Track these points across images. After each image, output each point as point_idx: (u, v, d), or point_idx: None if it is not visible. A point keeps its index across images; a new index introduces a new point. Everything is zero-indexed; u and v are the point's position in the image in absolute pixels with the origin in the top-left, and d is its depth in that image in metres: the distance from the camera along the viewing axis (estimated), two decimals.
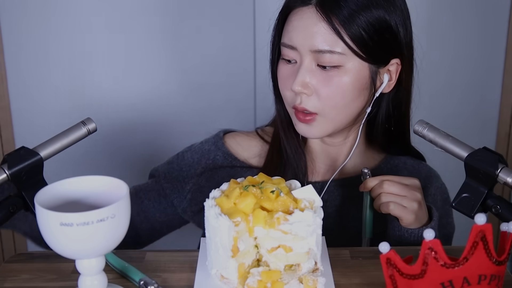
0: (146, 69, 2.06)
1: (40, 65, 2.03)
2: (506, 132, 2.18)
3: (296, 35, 1.02)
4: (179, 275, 0.88)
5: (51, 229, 0.72)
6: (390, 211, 0.99)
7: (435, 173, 1.21)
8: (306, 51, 1.01)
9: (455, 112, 2.15)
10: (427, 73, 2.07)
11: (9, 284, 0.87)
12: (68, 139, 0.94)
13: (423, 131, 0.96)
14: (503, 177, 0.87)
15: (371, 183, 1.02)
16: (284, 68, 1.06)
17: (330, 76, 1.01)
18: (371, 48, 1.00)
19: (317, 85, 1.01)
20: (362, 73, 1.02)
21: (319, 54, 1.00)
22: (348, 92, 1.02)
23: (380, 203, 1.00)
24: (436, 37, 2.05)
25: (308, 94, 1.02)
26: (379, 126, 1.12)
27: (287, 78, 1.05)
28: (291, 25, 1.03)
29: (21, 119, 2.09)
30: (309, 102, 1.03)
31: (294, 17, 1.03)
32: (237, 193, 0.82)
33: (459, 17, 2.05)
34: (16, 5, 1.96)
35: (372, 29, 1.00)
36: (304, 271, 0.83)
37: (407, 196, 0.99)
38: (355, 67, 1.01)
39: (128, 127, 2.12)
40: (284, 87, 1.07)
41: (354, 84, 1.02)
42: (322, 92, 1.02)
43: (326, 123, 1.05)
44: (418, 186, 1.02)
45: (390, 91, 1.08)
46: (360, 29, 0.99)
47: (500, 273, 0.73)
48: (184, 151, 1.22)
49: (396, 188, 0.99)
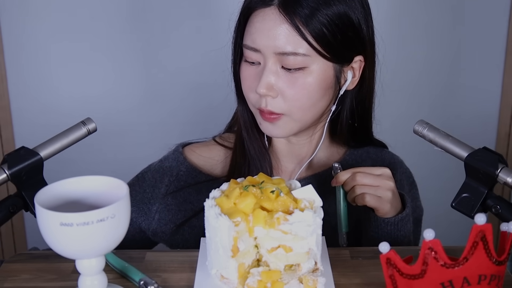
0: (146, 69, 2.06)
1: (40, 65, 2.03)
2: (506, 132, 2.18)
3: (259, 37, 1.00)
4: (179, 275, 0.88)
5: (51, 229, 0.72)
6: (366, 203, 1.00)
7: (398, 159, 1.21)
8: (270, 53, 1.00)
9: (455, 112, 2.15)
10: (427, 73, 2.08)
11: (9, 284, 0.87)
12: (68, 139, 0.94)
13: (423, 131, 0.96)
14: (503, 177, 0.87)
15: (343, 176, 1.02)
16: (247, 70, 1.05)
17: (295, 78, 1.00)
18: (334, 47, 1.00)
19: (282, 87, 1.01)
20: (327, 73, 1.02)
21: (283, 56, 0.99)
22: (313, 93, 1.02)
23: (355, 196, 1.00)
24: (436, 38, 2.05)
25: (273, 96, 1.01)
26: (344, 122, 1.12)
27: (251, 79, 1.04)
28: (253, 26, 1.02)
29: (21, 119, 2.09)
30: (275, 104, 1.02)
31: (256, 19, 1.01)
32: (237, 193, 0.82)
33: (459, 18, 2.05)
34: (16, 5, 1.96)
35: (334, 27, 0.99)
36: (304, 271, 0.83)
37: (381, 185, 1.00)
38: (319, 67, 1.01)
39: (128, 127, 2.12)
40: (248, 89, 1.05)
41: (319, 84, 1.02)
42: (287, 94, 1.01)
43: (292, 123, 1.05)
44: (389, 175, 1.02)
45: (353, 87, 1.09)
46: (322, 27, 0.98)
47: (500, 273, 0.73)
48: (143, 172, 1.20)
49: (369, 179, 1.00)
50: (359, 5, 1.03)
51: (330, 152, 1.18)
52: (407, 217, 1.03)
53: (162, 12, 1.99)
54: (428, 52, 2.04)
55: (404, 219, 1.02)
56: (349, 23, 1.01)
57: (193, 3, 1.98)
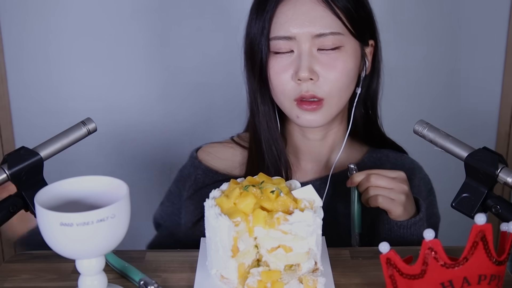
0: (146, 69, 2.06)
1: (40, 65, 2.03)
2: (506, 132, 2.18)
3: (293, 25, 1.02)
4: (179, 275, 0.88)
5: (51, 229, 0.72)
6: (379, 204, 1.00)
7: (417, 165, 1.22)
8: (306, 38, 1.02)
9: (455, 112, 2.15)
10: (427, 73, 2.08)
11: (9, 284, 0.87)
12: (68, 139, 0.94)
13: (423, 131, 0.96)
14: (503, 177, 0.87)
15: (357, 178, 1.02)
16: (280, 62, 1.05)
17: (334, 58, 1.03)
18: (359, 24, 1.04)
19: (322, 69, 1.03)
20: (357, 52, 1.06)
21: (320, 38, 1.01)
22: (351, 72, 1.05)
23: (368, 197, 1.01)
24: (436, 37, 2.05)
25: (314, 79, 1.02)
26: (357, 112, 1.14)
27: (285, 70, 1.04)
28: (283, 17, 1.03)
29: (21, 119, 2.09)
30: (317, 88, 1.03)
31: (285, 8, 1.03)
32: (237, 193, 0.82)
33: (459, 18, 2.05)
34: (16, 5, 1.96)
35: (355, 3, 1.03)
36: (304, 271, 0.83)
37: (395, 188, 1.00)
38: (352, 46, 1.04)
39: (128, 127, 2.12)
40: (284, 80, 1.05)
41: (354, 63, 1.05)
42: (328, 75, 1.03)
43: (331, 108, 1.06)
44: (404, 179, 1.02)
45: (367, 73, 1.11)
46: (348, 3, 1.02)
47: (500, 273, 0.73)
48: (169, 188, 1.22)
49: (383, 181, 1.00)
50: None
51: (350, 151, 1.18)
52: (420, 222, 1.02)
53: (162, 12, 1.99)
54: (428, 52, 2.04)
55: (417, 223, 1.02)
56: (365, 5, 1.07)
57: (193, 3, 1.98)
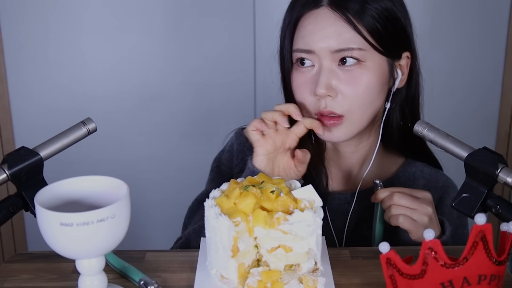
0: (146, 69, 2.06)
1: (40, 65, 2.03)
2: (506, 132, 2.18)
3: (313, 39, 1.00)
4: (179, 275, 0.88)
5: (51, 229, 0.72)
6: (400, 224, 0.98)
7: (452, 183, 1.18)
8: (326, 52, 1.00)
9: (455, 112, 2.15)
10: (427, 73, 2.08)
11: (9, 284, 0.87)
12: (68, 139, 0.94)
13: (423, 131, 0.96)
14: (503, 177, 0.87)
15: (381, 194, 1.00)
16: (301, 75, 1.04)
17: (353, 74, 1.00)
18: (386, 40, 1.01)
19: (341, 85, 1.00)
20: (383, 68, 1.03)
21: (339, 53, 0.99)
22: (373, 88, 1.02)
23: (390, 215, 0.99)
24: (436, 38, 2.05)
25: (333, 96, 1.00)
26: (394, 125, 1.10)
27: (306, 84, 1.03)
28: (304, 30, 1.02)
29: (21, 119, 2.09)
30: (335, 105, 1.01)
31: (306, 21, 1.02)
32: (237, 193, 0.82)
33: (460, 18, 2.05)
34: (16, 5, 1.96)
35: (384, 19, 1.00)
36: (304, 271, 0.83)
37: (418, 209, 0.97)
38: (375, 62, 1.01)
39: (128, 127, 2.12)
40: (304, 94, 1.04)
41: (377, 79, 1.02)
42: (347, 91, 1.00)
43: (352, 125, 1.03)
44: (429, 200, 0.99)
45: (402, 86, 1.08)
46: (374, 20, 0.99)
47: (500, 273, 0.73)
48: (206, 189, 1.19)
49: (406, 201, 0.97)
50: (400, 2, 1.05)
51: (383, 163, 1.16)
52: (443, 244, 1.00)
53: (163, 12, 1.99)
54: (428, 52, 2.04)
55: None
56: (396, 17, 1.03)
57: (193, 3, 1.98)
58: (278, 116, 1.00)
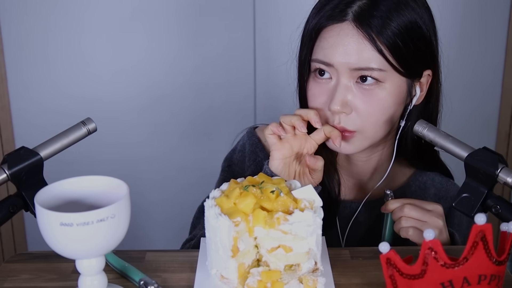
0: (146, 69, 2.06)
1: (40, 65, 2.03)
2: (506, 132, 2.18)
3: (333, 53, 0.97)
4: (179, 275, 0.88)
5: (51, 229, 0.72)
6: (409, 237, 0.97)
7: None
8: (345, 68, 0.97)
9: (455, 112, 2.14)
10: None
11: (9, 284, 0.87)
12: (68, 139, 0.94)
13: (423, 131, 0.96)
14: (503, 177, 0.87)
15: (392, 205, 1.00)
16: (317, 86, 1.02)
17: (370, 93, 0.98)
18: (407, 60, 0.98)
19: (357, 103, 0.98)
20: (401, 88, 1.00)
21: (359, 71, 0.97)
22: (388, 109, 0.99)
23: (400, 227, 0.98)
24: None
25: (347, 113, 0.99)
26: (409, 140, 1.08)
27: (322, 96, 1.01)
28: (325, 41, 0.99)
29: (21, 119, 2.09)
30: (348, 121, 0.99)
31: (329, 34, 0.99)
32: (237, 193, 0.82)
33: (460, 18, 2.05)
34: (16, 5, 1.96)
35: (407, 37, 0.97)
36: (304, 271, 0.83)
37: (428, 222, 0.96)
38: (394, 82, 0.98)
39: (128, 127, 2.12)
40: (318, 105, 1.02)
41: (394, 99, 0.99)
42: (362, 110, 0.98)
43: (364, 140, 1.02)
44: (440, 213, 0.98)
45: (420, 102, 1.06)
46: (396, 37, 0.96)
47: (500, 273, 0.73)
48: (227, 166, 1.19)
49: (416, 213, 0.96)
50: (426, 14, 1.01)
51: (394, 172, 1.14)
52: None
53: (162, 12, 1.99)
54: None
55: None
56: (421, 33, 0.99)
57: (193, 3, 1.98)
58: (296, 121, 0.99)
